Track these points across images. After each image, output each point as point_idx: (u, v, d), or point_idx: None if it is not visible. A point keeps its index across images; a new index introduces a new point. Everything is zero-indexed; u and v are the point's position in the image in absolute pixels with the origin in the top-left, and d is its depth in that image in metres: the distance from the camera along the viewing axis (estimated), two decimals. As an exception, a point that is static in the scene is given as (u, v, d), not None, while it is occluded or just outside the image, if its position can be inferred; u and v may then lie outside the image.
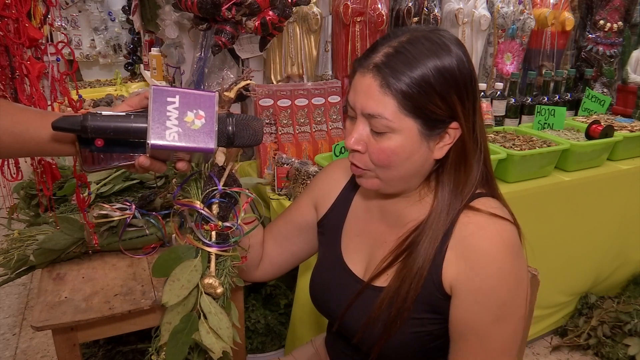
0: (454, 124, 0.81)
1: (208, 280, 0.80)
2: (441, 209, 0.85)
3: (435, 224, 0.84)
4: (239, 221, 0.84)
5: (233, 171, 0.86)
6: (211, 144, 0.73)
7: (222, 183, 0.83)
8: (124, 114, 0.75)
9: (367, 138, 0.82)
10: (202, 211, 0.82)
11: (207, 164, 0.85)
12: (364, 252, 0.95)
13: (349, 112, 0.85)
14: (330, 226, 1.02)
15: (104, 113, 0.73)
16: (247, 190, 0.86)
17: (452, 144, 0.83)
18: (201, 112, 0.74)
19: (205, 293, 0.81)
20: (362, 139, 0.82)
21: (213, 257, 0.83)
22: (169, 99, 0.73)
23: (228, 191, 0.84)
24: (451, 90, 0.78)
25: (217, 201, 0.83)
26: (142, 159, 0.76)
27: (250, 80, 0.86)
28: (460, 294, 0.82)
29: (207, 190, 0.83)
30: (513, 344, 0.84)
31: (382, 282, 0.88)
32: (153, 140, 0.71)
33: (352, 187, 1.02)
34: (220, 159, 0.84)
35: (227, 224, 0.83)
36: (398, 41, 0.79)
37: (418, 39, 0.79)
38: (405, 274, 0.84)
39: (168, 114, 0.72)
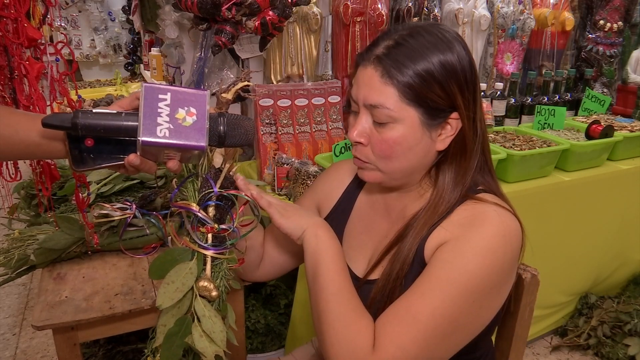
0: (455, 114, 0.82)
1: (203, 283, 0.80)
2: (438, 196, 0.85)
3: (431, 211, 0.84)
4: (236, 224, 0.84)
5: (231, 173, 0.86)
6: (202, 141, 0.73)
7: (218, 185, 0.83)
8: (115, 112, 0.74)
9: (370, 130, 0.83)
10: (198, 213, 0.81)
11: (204, 166, 0.85)
12: (367, 250, 0.95)
13: (352, 107, 0.86)
14: (332, 226, 1.01)
15: (94, 110, 0.73)
16: (243, 193, 0.86)
17: (454, 135, 0.84)
18: (193, 110, 0.73)
19: (200, 296, 0.81)
20: (364, 132, 0.83)
21: (209, 260, 0.82)
22: (160, 96, 0.73)
23: (224, 194, 0.83)
24: (451, 80, 0.80)
25: (214, 204, 0.83)
26: (132, 157, 0.75)
27: (249, 81, 0.86)
28: (435, 254, 0.80)
29: (203, 193, 0.83)
30: (452, 323, 0.75)
31: (377, 274, 0.88)
32: (144, 137, 0.71)
33: (356, 187, 1.02)
34: (217, 160, 0.84)
35: (224, 226, 0.83)
36: (399, 34, 0.81)
37: (419, 32, 0.81)
38: (395, 259, 0.84)
39: (159, 110, 0.72)
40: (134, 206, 1.23)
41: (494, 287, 0.79)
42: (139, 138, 0.71)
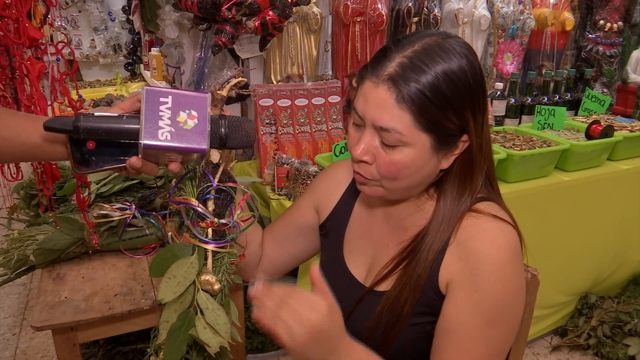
0: (464, 137, 0.81)
1: (205, 277, 0.80)
2: (442, 216, 0.84)
3: (436, 231, 0.84)
4: (235, 218, 0.84)
5: (228, 169, 0.86)
6: (204, 144, 0.73)
7: (216, 180, 0.83)
8: (116, 114, 0.74)
9: (376, 149, 0.80)
10: (197, 208, 0.82)
11: (202, 162, 0.85)
12: (366, 256, 0.95)
13: (355, 120, 0.83)
14: (332, 229, 1.01)
15: (96, 114, 0.73)
16: (242, 186, 0.86)
17: (458, 154, 0.83)
18: (194, 113, 0.74)
19: (202, 290, 0.81)
20: (369, 150, 0.80)
21: (210, 254, 0.83)
22: (161, 99, 0.73)
23: (223, 187, 0.84)
24: (465, 104, 0.78)
25: (212, 197, 0.83)
26: (134, 160, 0.75)
27: (243, 78, 0.86)
28: (455, 292, 0.81)
29: (202, 187, 0.83)
30: (499, 353, 0.81)
31: (383, 287, 0.88)
32: (145, 140, 0.71)
33: (354, 190, 1.01)
34: (215, 157, 0.84)
35: (223, 220, 0.83)
36: (412, 50, 0.77)
37: (432, 47, 0.77)
38: (405, 281, 0.84)
39: (161, 114, 0.72)
40: (134, 206, 1.23)
41: (519, 303, 0.83)
42: (140, 141, 0.71)
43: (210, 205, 0.83)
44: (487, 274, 0.79)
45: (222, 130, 0.77)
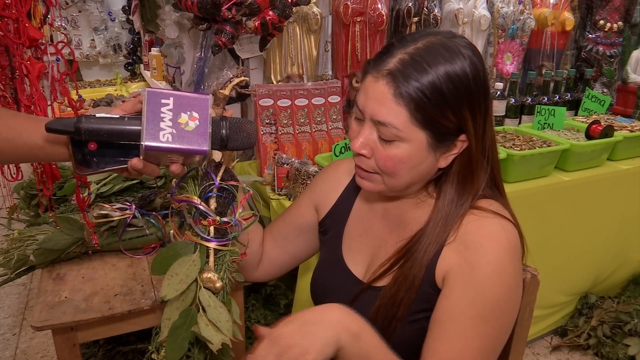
0: (462, 137, 0.81)
1: (207, 275, 0.81)
2: (441, 217, 0.85)
3: (433, 232, 0.84)
4: (237, 216, 0.85)
5: (230, 167, 0.87)
6: (205, 146, 0.74)
7: (218, 178, 0.84)
8: (117, 116, 0.75)
9: (374, 143, 0.81)
10: (199, 206, 0.82)
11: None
12: (366, 253, 0.95)
13: (356, 114, 0.84)
14: (332, 226, 1.01)
15: (97, 115, 0.73)
16: (244, 185, 0.87)
17: (457, 154, 0.83)
18: (195, 114, 0.74)
19: (204, 287, 0.81)
20: (368, 144, 0.82)
21: (212, 252, 0.83)
22: (163, 101, 0.73)
23: (225, 185, 0.84)
24: (464, 104, 0.78)
25: (214, 195, 0.83)
26: (135, 161, 0.75)
27: (245, 77, 0.87)
28: (451, 284, 0.81)
29: (204, 185, 0.84)
30: (490, 350, 0.80)
31: (381, 283, 0.88)
32: (147, 141, 0.71)
33: (354, 187, 1.01)
34: (217, 156, 0.85)
35: (225, 219, 0.84)
36: (414, 47, 0.78)
37: (436, 48, 0.77)
38: (401, 281, 0.84)
39: (162, 115, 0.73)
40: (134, 206, 1.23)
41: (515, 301, 0.82)
42: (142, 143, 0.72)
43: (213, 204, 0.84)
44: (483, 268, 0.78)
45: (223, 131, 0.77)
